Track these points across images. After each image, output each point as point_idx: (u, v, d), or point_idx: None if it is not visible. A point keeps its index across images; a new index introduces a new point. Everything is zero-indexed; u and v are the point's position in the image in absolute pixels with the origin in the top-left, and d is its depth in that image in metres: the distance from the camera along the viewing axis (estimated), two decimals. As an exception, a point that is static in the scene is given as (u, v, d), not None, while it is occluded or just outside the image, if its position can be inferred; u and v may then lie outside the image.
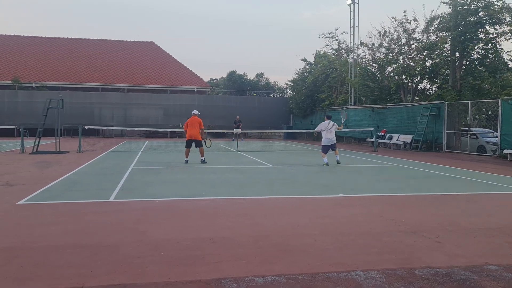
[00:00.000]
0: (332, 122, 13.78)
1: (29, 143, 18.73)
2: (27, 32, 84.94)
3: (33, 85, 33.60)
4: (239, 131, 26.44)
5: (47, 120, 17.58)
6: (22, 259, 4.24)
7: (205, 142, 14.31)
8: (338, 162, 13.57)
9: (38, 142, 17.11)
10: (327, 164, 13.25)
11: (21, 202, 7.09)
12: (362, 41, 29.06)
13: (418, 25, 24.91)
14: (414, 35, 24.89)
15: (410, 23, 24.66)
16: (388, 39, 26.13)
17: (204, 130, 14.24)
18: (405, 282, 3.79)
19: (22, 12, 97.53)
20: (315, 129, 14.12)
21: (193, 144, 13.64)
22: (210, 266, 4.13)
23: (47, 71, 35.35)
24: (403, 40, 25.26)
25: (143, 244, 4.82)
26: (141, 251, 4.57)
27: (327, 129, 13.57)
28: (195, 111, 14.02)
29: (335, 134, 13.99)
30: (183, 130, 14.16)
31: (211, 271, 3.98)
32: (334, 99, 31.68)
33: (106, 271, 3.96)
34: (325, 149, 13.66)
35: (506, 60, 21.30)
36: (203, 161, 13.39)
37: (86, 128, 20.60)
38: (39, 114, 20.51)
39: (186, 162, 13.36)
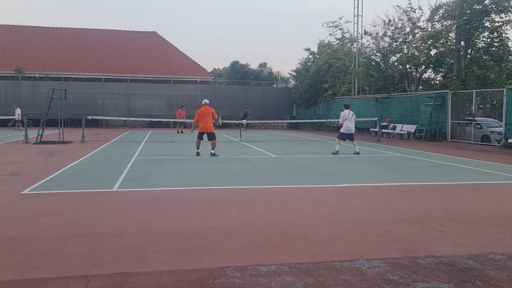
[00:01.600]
0: (351, 112, 14.00)
1: (32, 133, 18.79)
2: (30, 22, 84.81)
3: (36, 75, 33.61)
4: (244, 121, 26.55)
5: (50, 110, 17.61)
6: (27, 248, 4.27)
7: (217, 121, 13.17)
8: (357, 153, 13.59)
9: (42, 132, 17.16)
10: (337, 152, 13.49)
11: (25, 191, 7.12)
12: (366, 30, 28.94)
13: (422, 14, 24.74)
14: (419, 24, 24.72)
15: (414, 12, 24.47)
16: (392, 28, 25.95)
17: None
18: (409, 271, 3.78)
19: (25, 2, 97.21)
20: (340, 121, 14.01)
21: (205, 136, 12.91)
22: (213, 255, 4.14)
23: (50, 62, 35.32)
24: (408, 29, 25.08)
25: (147, 233, 4.84)
26: (145, 240, 4.58)
27: (348, 119, 13.79)
28: (206, 101, 13.04)
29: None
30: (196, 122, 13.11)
31: (215, 260, 3.99)
32: (338, 89, 31.55)
33: (110, 259, 3.98)
34: (343, 136, 13.89)
35: (511, 49, 21.09)
36: (213, 154, 12.59)
37: (89, 118, 20.57)
38: (43, 104, 20.52)
39: (198, 154, 12.71)
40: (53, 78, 33.27)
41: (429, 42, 22.85)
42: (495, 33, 20.51)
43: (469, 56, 21.73)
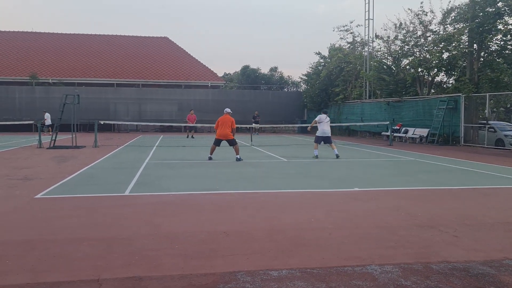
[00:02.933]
0: (326, 116, 14.30)
1: (46, 138, 19.01)
2: (44, 28, 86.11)
3: (50, 81, 34.08)
4: (258, 126, 26.68)
5: (63, 115, 17.81)
6: (40, 251, 4.31)
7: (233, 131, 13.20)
8: (337, 156, 13.56)
9: (55, 137, 17.37)
10: (317, 157, 13.49)
11: (38, 195, 7.20)
12: (377, 34, 28.75)
13: (434, 17, 24.63)
14: (431, 27, 24.52)
15: (426, 15, 24.29)
16: (404, 31, 25.77)
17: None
18: (422, 276, 3.73)
19: (38, 9, 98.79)
20: (312, 123, 14.61)
21: (223, 142, 12.91)
22: (224, 259, 4.13)
23: (63, 67, 35.80)
24: (419, 32, 24.89)
25: (158, 237, 4.85)
26: (156, 244, 4.60)
27: (323, 122, 13.99)
28: (228, 109, 13.22)
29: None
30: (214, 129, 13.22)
31: (226, 264, 3.98)
32: (349, 93, 31.42)
33: (121, 263, 3.99)
34: (318, 139, 13.94)
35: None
36: (239, 159, 12.57)
37: (102, 123, 20.77)
38: (56, 109, 20.77)
39: (210, 159, 12.79)
40: (67, 84, 33.70)
41: (441, 45, 22.65)
42: (509, 36, 20.25)
43: (482, 59, 21.49)
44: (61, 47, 38.54)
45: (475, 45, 21.35)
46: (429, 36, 24.53)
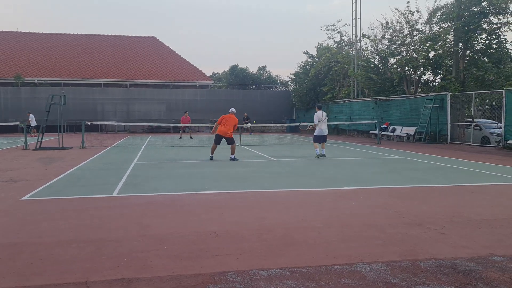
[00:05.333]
0: (324, 113, 13.83)
1: (32, 139, 18.77)
2: (29, 28, 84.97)
3: (36, 81, 33.66)
4: (249, 125, 26.76)
5: (50, 116, 17.61)
6: (27, 255, 4.25)
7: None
8: (324, 156, 13.51)
9: (41, 138, 17.16)
10: (318, 156, 13.37)
11: (25, 198, 7.11)
12: (365, 33, 28.95)
13: (421, 16, 24.90)
14: (417, 26, 24.78)
15: (412, 14, 24.54)
16: (391, 30, 26.01)
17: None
18: (410, 274, 3.77)
19: (23, 8, 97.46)
20: (315, 122, 13.65)
21: (223, 140, 12.81)
22: (214, 259, 4.12)
23: (49, 67, 35.38)
24: (406, 32, 25.13)
25: (147, 238, 4.82)
26: (145, 245, 4.57)
27: (322, 120, 13.56)
28: (233, 109, 13.19)
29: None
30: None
31: (215, 265, 3.97)
32: (337, 92, 31.57)
33: (110, 265, 3.96)
34: (319, 139, 13.57)
35: (510, 51, 21.15)
36: (233, 159, 12.53)
37: (89, 123, 20.58)
38: (42, 110, 20.53)
39: (211, 158, 12.70)
40: (53, 84, 33.32)
41: (427, 44, 22.89)
42: (493, 35, 20.56)
43: (467, 58, 21.76)
44: (46, 47, 38.09)
45: (460, 44, 21.61)
46: (416, 35, 24.79)
